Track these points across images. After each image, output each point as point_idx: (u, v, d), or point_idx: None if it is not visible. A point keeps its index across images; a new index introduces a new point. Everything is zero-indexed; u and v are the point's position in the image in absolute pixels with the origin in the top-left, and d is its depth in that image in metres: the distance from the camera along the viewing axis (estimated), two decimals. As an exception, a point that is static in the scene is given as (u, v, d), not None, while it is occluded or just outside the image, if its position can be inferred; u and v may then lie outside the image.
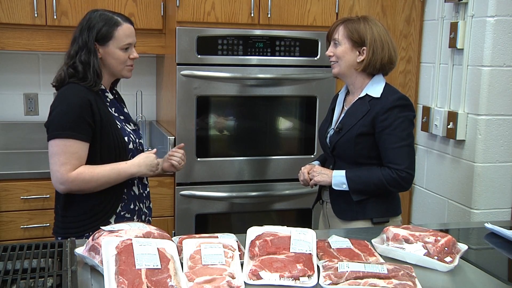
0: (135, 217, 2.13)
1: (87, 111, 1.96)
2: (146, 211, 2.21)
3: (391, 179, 2.05)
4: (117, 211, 2.07)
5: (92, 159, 1.99)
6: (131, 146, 2.10)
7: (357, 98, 2.15)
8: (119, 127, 2.08)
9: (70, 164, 1.94)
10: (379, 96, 2.10)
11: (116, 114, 2.11)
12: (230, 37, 2.88)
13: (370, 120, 2.08)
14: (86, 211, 2.03)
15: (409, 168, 2.05)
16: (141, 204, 2.17)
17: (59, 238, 2.06)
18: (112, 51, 2.03)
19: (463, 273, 1.65)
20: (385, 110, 2.06)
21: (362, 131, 2.09)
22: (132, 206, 2.12)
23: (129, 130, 2.14)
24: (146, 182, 2.23)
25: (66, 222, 2.05)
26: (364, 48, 2.09)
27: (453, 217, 2.97)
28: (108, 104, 2.08)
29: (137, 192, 2.15)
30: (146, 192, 2.22)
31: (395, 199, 2.20)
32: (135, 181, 2.14)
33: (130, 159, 2.10)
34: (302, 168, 2.24)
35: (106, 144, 2.01)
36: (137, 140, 2.16)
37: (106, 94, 2.10)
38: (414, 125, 2.14)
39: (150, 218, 2.24)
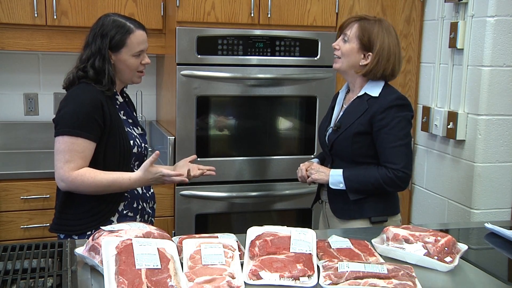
0: (138, 216, 2.12)
1: (97, 111, 1.96)
2: (149, 211, 2.20)
3: (387, 178, 2.05)
4: (119, 209, 2.07)
5: (95, 159, 1.99)
6: (135, 150, 2.09)
7: (356, 96, 2.16)
8: (126, 130, 2.07)
9: (74, 163, 1.94)
10: (377, 95, 2.10)
11: (124, 118, 2.11)
12: (230, 37, 2.88)
13: (368, 119, 2.08)
14: (87, 209, 2.03)
15: (406, 168, 2.05)
16: (144, 204, 2.16)
17: (62, 236, 2.06)
18: (124, 58, 2.03)
19: (463, 273, 1.65)
20: (383, 110, 2.06)
21: (360, 130, 2.09)
22: (135, 205, 2.11)
23: (135, 134, 2.13)
24: None
25: (63, 219, 2.05)
26: (370, 54, 2.09)
27: (453, 217, 2.97)
28: (117, 107, 2.09)
29: (140, 192, 2.14)
30: (150, 192, 2.21)
31: (393, 198, 2.20)
32: None
33: (132, 163, 2.10)
34: (301, 164, 2.25)
35: (112, 146, 2.01)
36: (142, 145, 2.15)
37: (116, 97, 2.10)
38: (412, 125, 2.14)
39: (153, 219, 2.24)
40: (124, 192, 2.08)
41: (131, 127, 2.13)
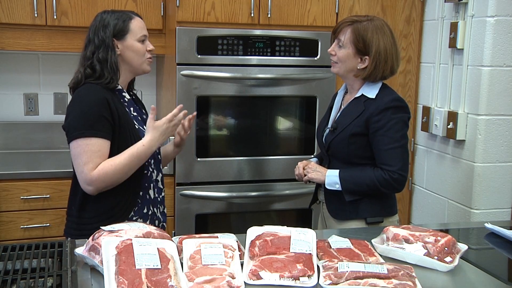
0: (147, 222, 2.08)
1: (105, 109, 1.95)
2: (160, 216, 2.16)
3: (383, 180, 2.05)
4: (130, 216, 2.04)
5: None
6: None
7: (353, 98, 2.16)
8: (137, 127, 2.06)
9: (92, 163, 1.92)
10: (374, 97, 2.10)
11: (134, 114, 2.09)
12: (230, 37, 2.88)
13: (364, 120, 2.08)
14: (101, 212, 2.01)
15: (401, 170, 2.05)
16: (155, 209, 2.13)
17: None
18: (130, 44, 2.04)
19: (463, 273, 1.65)
20: (379, 111, 2.06)
21: (356, 131, 2.09)
22: (145, 211, 2.09)
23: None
24: (162, 186, 2.19)
25: (82, 223, 2.03)
26: (367, 57, 2.08)
27: (453, 217, 2.97)
28: (125, 104, 2.07)
29: (152, 196, 2.12)
30: (161, 196, 2.18)
31: (390, 199, 2.19)
32: (151, 185, 2.11)
33: (148, 161, 2.07)
34: (299, 162, 2.26)
35: (124, 144, 1.99)
36: None
37: (123, 94, 2.09)
38: (409, 127, 2.14)
39: (164, 224, 2.20)
40: (137, 197, 2.05)
41: (141, 124, 2.11)
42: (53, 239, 2.13)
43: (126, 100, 2.09)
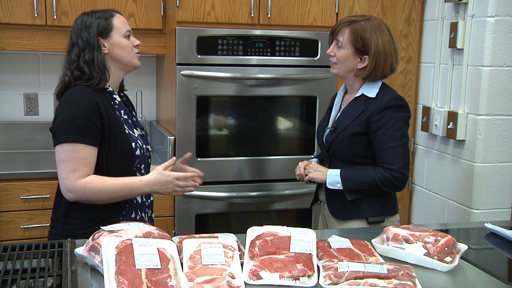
0: None
1: (95, 114, 1.90)
2: (147, 221, 2.12)
3: (384, 179, 2.05)
4: (118, 221, 1.99)
5: (97, 165, 1.93)
6: (138, 152, 2.03)
7: (353, 97, 2.16)
8: (127, 132, 2.02)
9: (79, 171, 1.88)
10: (374, 96, 2.10)
11: (124, 117, 2.05)
12: (230, 37, 2.88)
13: (364, 120, 2.08)
14: (88, 219, 1.97)
15: (402, 168, 2.05)
16: (143, 214, 2.10)
17: None
18: (117, 40, 2.02)
19: (463, 273, 1.65)
20: (380, 110, 2.06)
21: (357, 131, 2.09)
22: (133, 215, 2.05)
23: (136, 135, 2.07)
24: None
25: (67, 230, 1.98)
26: (366, 57, 2.08)
27: (453, 217, 2.97)
28: (116, 107, 2.03)
29: (139, 201, 2.08)
30: (149, 201, 2.14)
31: (391, 199, 2.20)
32: None
33: (136, 166, 2.04)
34: (300, 163, 2.26)
35: (113, 150, 1.96)
36: (144, 146, 2.09)
37: (114, 96, 2.05)
38: (409, 126, 2.15)
39: None
40: (125, 202, 2.01)
41: (131, 128, 2.07)
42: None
43: (117, 102, 2.05)
